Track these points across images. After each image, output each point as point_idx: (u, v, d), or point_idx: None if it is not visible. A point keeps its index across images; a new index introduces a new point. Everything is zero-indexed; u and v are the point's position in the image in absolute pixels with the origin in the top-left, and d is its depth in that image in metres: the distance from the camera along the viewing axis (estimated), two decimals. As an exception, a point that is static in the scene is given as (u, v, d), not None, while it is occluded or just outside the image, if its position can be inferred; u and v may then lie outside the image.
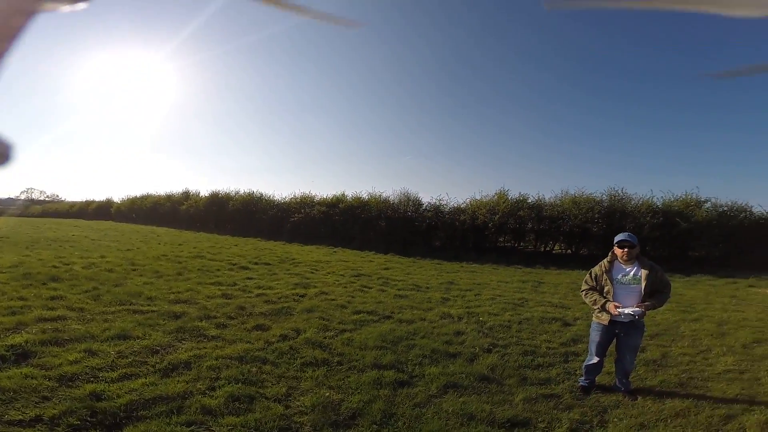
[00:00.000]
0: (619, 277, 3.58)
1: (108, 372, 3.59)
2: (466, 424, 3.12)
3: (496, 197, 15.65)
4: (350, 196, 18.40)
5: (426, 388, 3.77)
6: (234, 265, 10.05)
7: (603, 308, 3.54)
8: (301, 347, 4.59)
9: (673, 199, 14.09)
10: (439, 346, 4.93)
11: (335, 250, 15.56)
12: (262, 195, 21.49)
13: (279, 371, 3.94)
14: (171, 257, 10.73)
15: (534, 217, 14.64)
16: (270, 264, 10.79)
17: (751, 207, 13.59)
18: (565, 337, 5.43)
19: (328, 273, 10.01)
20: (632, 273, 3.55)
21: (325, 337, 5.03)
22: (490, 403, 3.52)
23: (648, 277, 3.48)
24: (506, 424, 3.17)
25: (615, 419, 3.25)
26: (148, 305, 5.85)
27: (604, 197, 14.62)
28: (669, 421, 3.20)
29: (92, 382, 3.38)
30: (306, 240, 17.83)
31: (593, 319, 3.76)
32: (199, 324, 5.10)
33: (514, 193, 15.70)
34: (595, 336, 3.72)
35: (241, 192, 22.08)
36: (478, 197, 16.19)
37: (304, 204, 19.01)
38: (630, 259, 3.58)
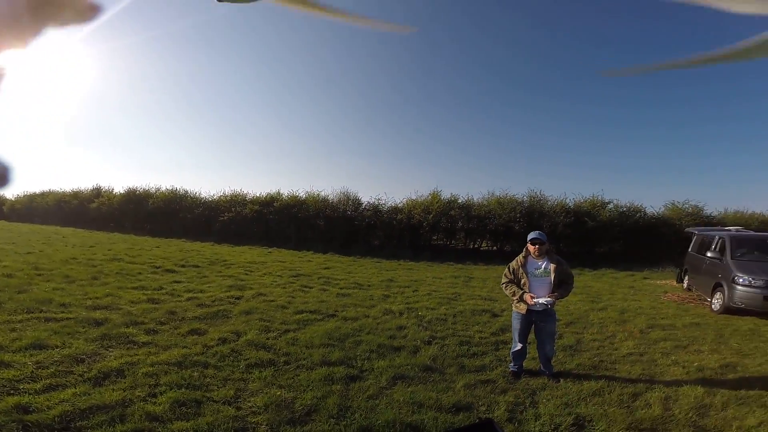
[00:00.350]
0: (533, 270, 4.02)
1: (29, 383, 3.28)
2: (416, 411, 3.29)
3: (430, 197, 16.32)
4: (286, 194, 17.86)
5: (376, 381, 3.91)
6: (158, 268, 9.28)
7: (521, 299, 3.96)
8: (243, 349, 4.47)
9: (582, 200, 15.86)
10: (384, 341, 5.09)
11: (270, 250, 15.06)
12: (186, 192, 19.93)
13: (223, 374, 3.82)
14: (82, 260, 9.58)
15: (464, 216, 15.54)
16: (199, 266, 10.14)
17: (645, 208, 15.80)
18: (495, 327, 5.87)
19: (265, 274, 9.69)
20: (543, 266, 4.00)
21: (267, 338, 4.93)
22: (436, 391, 3.76)
23: (556, 270, 3.96)
24: (452, 409, 3.40)
25: (544, 400, 3.63)
26: (62, 312, 5.27)
27: (525, 199, 16.00)
28: (588, 399, 3.63)
29: (13, 394, 3.08)
30: (237, 240, 16.99)
31: (513, 309, 4.16)
32: (126, 330, 4.72)
33: (446, 194, 16.53)
34: (516, 324, 4.11)
35: (163, 189, 20.29)
36: (414, 197, 16.76)
37: (234, 202, 18.06)
38: (541, 255, 4.03)
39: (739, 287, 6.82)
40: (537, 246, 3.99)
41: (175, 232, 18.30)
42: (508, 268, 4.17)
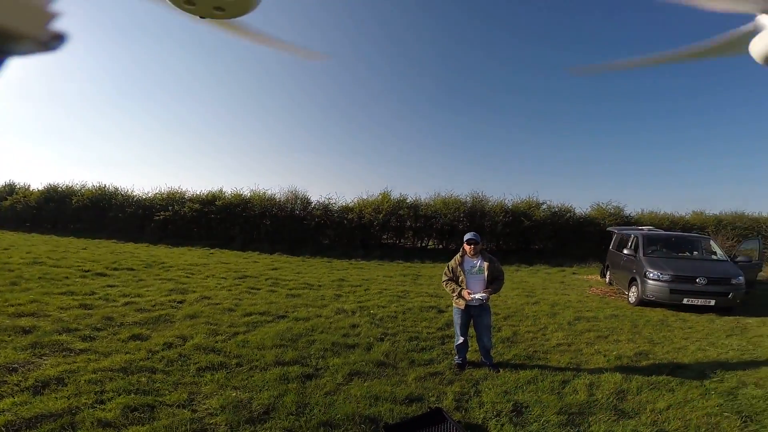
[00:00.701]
0: (469, 268, 4.35)
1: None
2: (374, 404, 3.44)
3: (380, 197, 16.60)
4: (229, 192, 17.14)
5: (332, 378, 4.02)
6: (87, 271, 8.54)
7: (459, 295, 4.28)
8: (191, 354, 4.35)
9: (519, 201, 17.00)
10: (338, 339, 5.19)
11: (212, 251, 14.40)
12: (117, 189, 18.30)
13: (173, 379, 3.72)
14: (-6, 265, 8.53)
15: (412, 216, 16.00)
16: (134, 269, 9.47)
17: (574, 208, 17.31)
18: (441, 322, 6.19)
19: (208, 276, 9.30)
20: (478, 265, 4.34)
21: (216, 342, 4.82)
22: (390, 385, 3.94)
23: (489, 268, 4.32)
24: (405, 400, 3.59)
25: (486, 389, 3.93)
26: (-21, 321, 4.70)
27: (468, 199, 16.84)
28: (524, 387, 3.98)
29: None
30: (176, 241, 16.02)
31: (453, 305, 4.47)
32: (60, 338, 4.38)
33: (395, 194, 16.90)
34: (457, 319, 4.42)
35: (89, 186, 18.48)
36: (364, 197, 16.93)
37: (172, 200, 16.97)
38: (476, 254, 4.38)
39: (650, 281, 7.56)
40: (472, 246, 4.35)
41: (104, 233, 16.81)
42: (448, 267, 4.48)
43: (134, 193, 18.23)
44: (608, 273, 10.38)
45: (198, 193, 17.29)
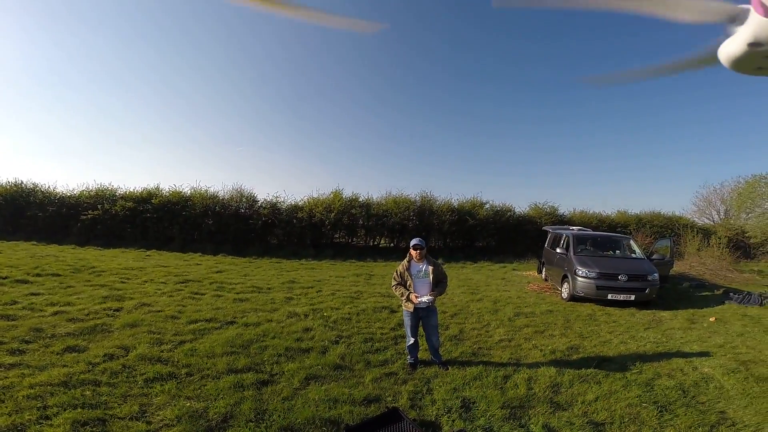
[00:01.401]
0: (416, 272, 4.55)
1: None
2: (333, 407, 3.50)
3: (332, 196, 16.50)
4: (167, 189, 16.08)
5: (289, 383, 4.02)
6: (5, 278, 7.65)
7: (407, 299, 4.46)
8: (136, 364, 4.18)
9: (464, 200, 17.77)
10: (292, 344, 5.16)
11: (149, 253, 13.49)
12: (36, 186, 16.44)
13: (120, 391, 3.57)
14: None
15: (364, 214, 16.09)
16: (60, 275, 8.64)
17: (514, 208, 18.41)
18: (393, 322, 6.35)
19: (146, 281, 8.74)
20: (423, 269, 4.56)
21: (162, 351, 4.64)
22: (348, 387, 4.03)
23: (434, 272, 4.55)
24: (363, 401, 3.70)
25: (437, 387, 4.14)
26: None
27: (417, 199, 17.29)
28: (471, 383, 4.23)
29: None
30: (106, 242, 14.81)
31: (403, 307, 4.64)
32: (-18, 352, 3.96)
33: (347, 192, 16.89)
34: (407, 321, 4.60)
35: (3, 182, 16.41)
36: (315, 195, 16.75)
37: (101, 198, 15.62)
38: (421, 258, 4.58)
39: (579, 279, 8.19)
40: (418, 251, 4.55)
41: (21, 234, 15.09)
42: (396, 272, 4.65)
43: (57, 190, 16.55)
44: (544, 269, 11.13)
45: (132, 190, 16.07)
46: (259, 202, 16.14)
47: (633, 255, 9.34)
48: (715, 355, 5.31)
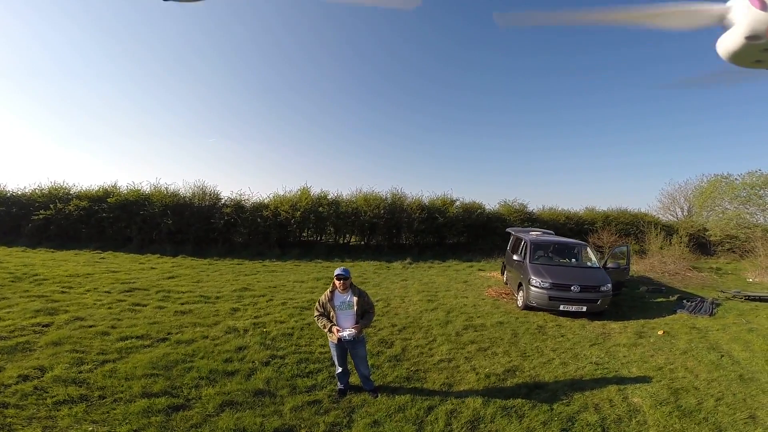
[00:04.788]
0: (339, 304, 4.29)
1: None
2: (239, 437, 3.28)
3: (299, 193, 16.08)
4: (125, 188, 15.43)
5: (203, 409, 3.91)
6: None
7: (330, 331, 4.21)
8: (49, 386, 4.14)
9: (435, 198, 17.58)
10: (218, 366, 4.93)
11: (103, 255, 12.91)
12: (-19, 184, 15.60)
13: (26, 413, 3.61)
14: None
15: (333, 212, 15.74)
16: (-4, 284, 8.16)
17: (485, 205, 18.30)
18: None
19: (88, 291, 8.30)
20: (348, 300, 4.29)
21: (80, 372, 4.55)
22: (262, 416, 3.87)
23: (359, 303, 4.28)
24: (273, 434, 3.48)
25: (358, 418, 3.93)
26: None
27: (388, 196, 17.03)
28: (393, 415, 4.02)
29: None
30: (59, 244, 14.12)
31: (328, 337, 4.37)
32: None
33: (316, 190, 16.49)
34: (333, 350, 4.42)
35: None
36: (281, 193, 16.33)
37: (54, 197, 14.85)
38: (345, 289, 4.31)
39: (533, 288, 8.00)
40: (342, 281, 4.28)
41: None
42: (318, 302, 4.39)
43: (6, 189, 15.65)
44: (506, 273, 11.00)
45: (87, 188, 15.34)
46: (223, 200, 15.60)
47: (588, 263, 9.24)
48: (651, 380, 5.15)
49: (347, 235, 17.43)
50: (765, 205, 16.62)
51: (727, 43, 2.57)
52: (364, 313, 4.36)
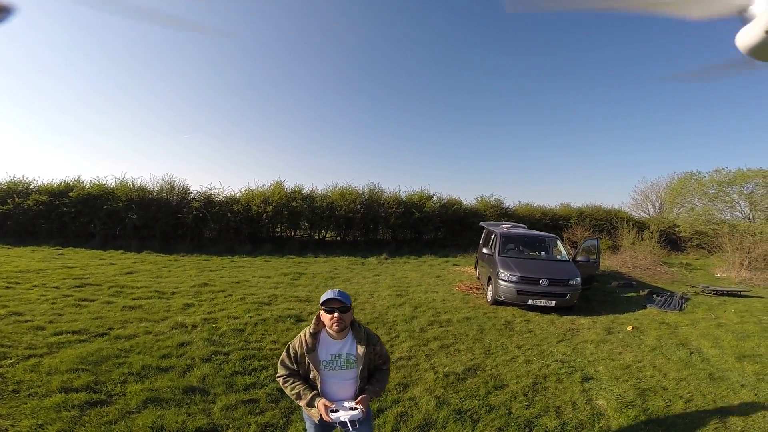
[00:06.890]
0: (328, 359, 2.32)
1: None
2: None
3: (272, 187, 15.68)
4: (88, 182, 14.77)
5: (124, 405, 3.68)
6: None
7: (311, 405, 2.24)
8: None
9: (412, 193, 17.39)
10: (153, 362, 4.64)
11: (63, 251, 12.30)
12: (-67, 177, 14.73)
13: None
14: None
15: (307, 207, 15.39)
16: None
17: (462, 200, 18.20)
18: (291, 335, 5.72)
19: (35, 286, 7.82)
20: (346, 350, 2.34)
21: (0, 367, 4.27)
22: (186, 414, 3.58)
23: (366, 355, 2.36)
24: (195, 433, 3.21)
25: (297, 420, 3.60)
26: None
27: (365, 191, 16.75)
28: None
29: None
30: (17, 240, 13.45)
31: (306, 411, 2.38)
32: None
33: (290, 184, 16.12)
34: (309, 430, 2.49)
35: None
36: (253, 187, 15.89)
37: (11, 192, 14.13)
38: (342, 330, 2.33)
39: (501, 282, 7.80)
40: (336, 314, 2.28)
41: None
42: (287, 352, 2.39)
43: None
44: (477, 267, 10.83)
45: (48, 182, 14.64)
46: (192, 194, 15.08)
47: (558, 257, 9.10)
48: (618, 379, 4.88)
49: (323, 231, 17.09)
50: (732, 202, 16.96)
51: (747, 37, 2.45)
52: (375, 369, 2.50)
